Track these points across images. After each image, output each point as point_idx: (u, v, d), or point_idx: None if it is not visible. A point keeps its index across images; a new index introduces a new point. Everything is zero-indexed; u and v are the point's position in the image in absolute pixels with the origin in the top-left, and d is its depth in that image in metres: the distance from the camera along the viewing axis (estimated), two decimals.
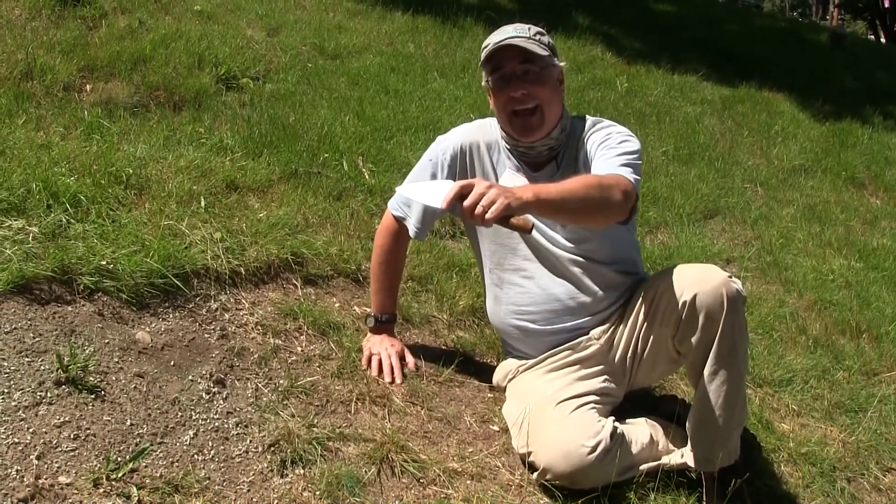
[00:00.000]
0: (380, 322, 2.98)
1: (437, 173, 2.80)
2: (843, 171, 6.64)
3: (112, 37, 5.24)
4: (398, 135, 4.77)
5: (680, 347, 2.55)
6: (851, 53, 12.01)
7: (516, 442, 2.63)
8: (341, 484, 2.35)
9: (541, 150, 2.70)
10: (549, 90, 2.64)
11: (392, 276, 3.01)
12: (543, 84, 2.63)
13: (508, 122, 2.67)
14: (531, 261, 2.75)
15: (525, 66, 2.60)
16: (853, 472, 3.06)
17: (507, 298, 2.81)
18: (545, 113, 2.63)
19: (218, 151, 3.96)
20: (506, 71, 2.63)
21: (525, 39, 2.59)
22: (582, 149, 2.69)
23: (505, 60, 2.62)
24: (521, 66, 2.60)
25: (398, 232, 2.92)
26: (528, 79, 2.60)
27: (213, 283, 2.96)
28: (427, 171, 2.83)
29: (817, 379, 3.57)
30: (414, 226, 2.86)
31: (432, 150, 2.85)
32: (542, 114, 2.62)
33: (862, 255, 5.13)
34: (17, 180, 2.99)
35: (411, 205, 2.85)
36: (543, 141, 2.68)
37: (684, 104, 7.35)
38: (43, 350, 2.43)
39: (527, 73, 2.61)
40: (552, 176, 2.70)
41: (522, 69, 2.61)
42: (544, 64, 2.63)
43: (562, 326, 2.75)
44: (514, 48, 2.59)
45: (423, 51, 6.84)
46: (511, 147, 2.75)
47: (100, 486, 2.13)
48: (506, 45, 2.59)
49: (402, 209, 2.88)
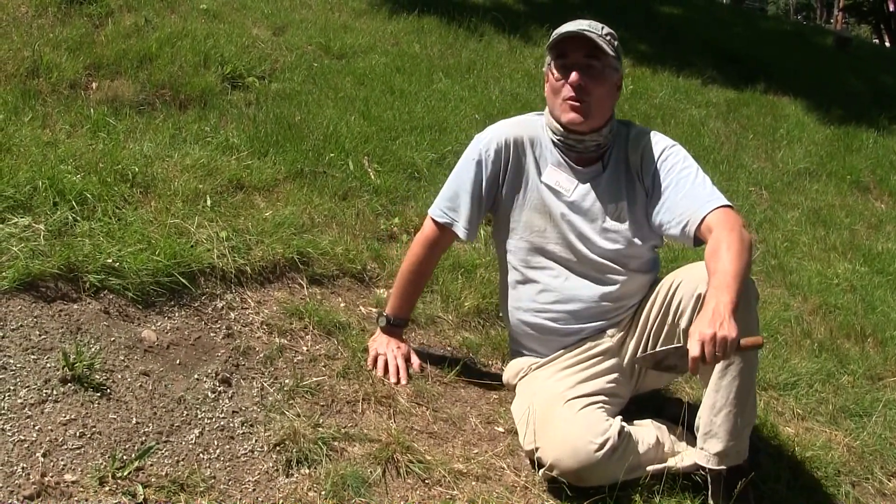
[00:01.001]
0: (391, 324, 2.98)
1: (480, 172, 2.78)
2: (848, 175, 6.63)
3: (118, 35, 5.24)
4: (404, 135, 4.76)
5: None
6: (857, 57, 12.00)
7: (524, 438, 2.63)
8: (347, 484, 2.35)
9: (589, 144, 2.70)
10: (605, 90, 2.66)
11: (418, 286, 3.01)
12: (602, 83, 2.64)
13: (559, 108, 2.67)
14: (560, 261, 2.75)
15: (589, 61, 2.62)
16: (858, 477, 3.05)
17: (529, 296, 2.80)
18: (593, 109, 2.64)
19: (224, 150, 3.96)
20: (570, 59, 2.64)
21: (596, 35, 2.60)
22: (634, 156, 2.71)
23: (571, 49, 2.63)
24: (586, 59, 2.62)
25: (437, 242, 2.89)
26: (590, 73, 2.62)
27: (218, 282, 2.96)
28: (471, 171, 2.79)
29: (822, 383, 3.56)
30: (463, 227, 2.82)
31: (473, 148, 2.82)
32: (588, 107, 2.63)
33: (867, 260, 5.13)
34: (24, 178, 2.99)
35: (458, 207, 2.82)
36: (593, 136, 2.69)
37: (689, 107, 7.34)
38: (49, 348, 2.44)
39: (590, 68, 2.62)
40: (597, 176, 2.72)
41: (586, 62, 2.62)
42: (608, 63, 2.65)
43: (580, 327, 2.75)
44: (583, 39, 2.60)
45: (428, 51, 6.83)
46: (560, 139, 2.73)
47: (105, 485, 2.13)
48: (576, 34, 2.60)
49: (447, 214, 2.83)
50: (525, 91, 6.34)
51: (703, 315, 2.24)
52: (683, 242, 2.65)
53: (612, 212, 2.71)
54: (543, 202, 2.74)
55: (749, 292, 2.46)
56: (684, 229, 2.56)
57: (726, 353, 2.20)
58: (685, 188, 2.61)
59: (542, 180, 2.74)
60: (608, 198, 2.71)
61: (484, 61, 6.92)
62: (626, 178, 2.72)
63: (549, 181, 2.74)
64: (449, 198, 2.83)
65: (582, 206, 2.71)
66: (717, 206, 2.53)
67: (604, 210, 2.71)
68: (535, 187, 2.75)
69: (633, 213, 2.71)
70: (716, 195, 2.58)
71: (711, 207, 2.53)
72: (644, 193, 2.70)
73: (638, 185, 2.71)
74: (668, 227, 2.62)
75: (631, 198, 2.71)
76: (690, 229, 2.54)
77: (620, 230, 2.71)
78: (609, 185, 2.72)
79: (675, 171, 2.65)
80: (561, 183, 2.73)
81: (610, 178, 2.72)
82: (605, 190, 2.71)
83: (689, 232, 2.55)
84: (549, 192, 2.73)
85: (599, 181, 2.72)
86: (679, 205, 2.59)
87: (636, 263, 2.74)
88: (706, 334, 2.18)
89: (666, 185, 2.64)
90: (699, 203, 2.56)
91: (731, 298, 2.24)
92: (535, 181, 2.75)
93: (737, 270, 2.31)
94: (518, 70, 6.82)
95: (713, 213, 2.52)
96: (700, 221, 2.52)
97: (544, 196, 2.74)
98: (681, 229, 2.57)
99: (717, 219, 2.50)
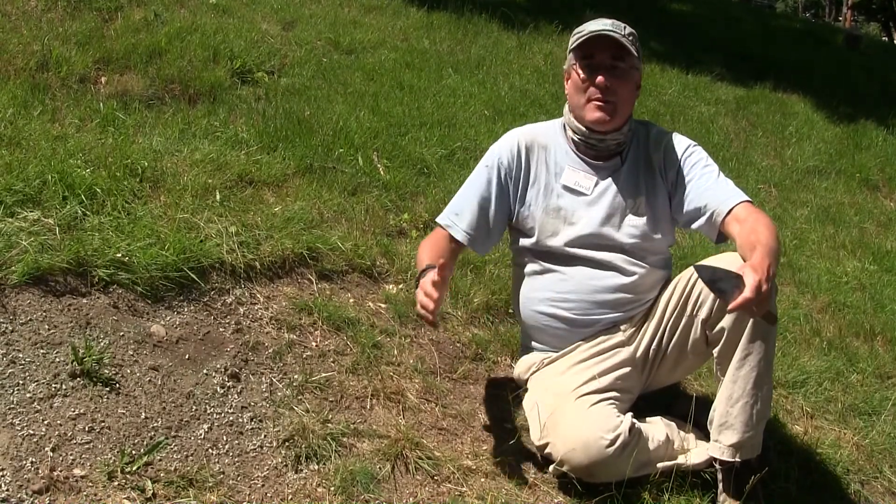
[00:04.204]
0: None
1: (491, 178, 2.78)
2: (857, 173, 6.61)
3: (127, 29, 5.25)
4: (413, 130, 4.76)
5: (710, 333, 2.56)
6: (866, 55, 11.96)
7: (534, 433, 2.63)
8: (356, 480, 2.35)
9: (610, 143, 2.73)
10: (629, 90, 2.70)
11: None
12: (627, 83, 2.68)
13: (584, 108, 2.69)
14: (579, 254, 2.74)
15: (615, 62, 2.65)
16: (867, 476, 3.04)
17: (546, 285, 2.78)
18: (618, 109, 2.67)
19: (233, 145, 3.96)
20: (596, 60, 2.65)
21: (620, 36, 2.62)
22: (656, 154, 2.74)
23: (598, 50, 2.65)
24: (612, 60, 2.64)
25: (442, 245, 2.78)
26: (616, 74, 2.64)
27: (227, 277, 2.96)
28: (482, 177, 2.80)
29: (831, 381, 3.55)
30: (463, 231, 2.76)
31: (487, 156, 2.83)
32: (614, 107, 2.65)
33: (876, 258, 5.11)
34: (33, 172, 2.99)
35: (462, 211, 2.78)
36: (614, 135, 2.71)
37: (699, 104, 7.33)
38: (58, 342, 2.44)
39: (615, 69, 2.65)
40: (617, 170, 2.75)
41: (612, 63, 2.64)
42: (632, 64, 2.68)
43: (595, 318, 2.74)
44: (610, 40, 2.62)
45: (437, 47, 6.83)
46: (581, 139, 2.74)
47: (114, 479, 2.14)
48: (603, 35, 2.62)
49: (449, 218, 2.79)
50: (534, 87, 6.33)
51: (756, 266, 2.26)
52: (707, 234, 2.68)
53: (631, 206, 2.72)
54: (561, 203, 2.74)
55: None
56: (710, 219, 2.60)
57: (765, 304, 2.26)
58: (710, 182, 2.65)
59: (560, 182, 2.75)
60: (627, 192, 2.73)
61: (493, 57, 6.91)
62: (645, 173, 2.74)
63: (569, 182, 2.75)
64: (457, 203, 2.83)
65: (601, 202, 2.72)
66: (742, 199, 2.58)
67: (623, 204, 2.72)
68: (553, 190, 2.76)
69: (652, 207, 2.72)
70: (739, 191, 2.62)
71: (738, 200, 2.57)
72: (665, 188, 2.72)
73: (659, 179, 2.73)
74: (692, 219, 2.66)
75: (650, 192, 2.73)
76: (717, 220, 2.58)
77: (639, 224, 2.72)
78: (628, 180, 2.74)
79: (699, 167, 2.69)
80: (580, 182, 2.74)
81: (629, 172, 2.74)
82: (624, 184, 2.73)
83: (715, 222, 2.58)
84: (568, 194, 2.74)
85: (619, 175, 2.74)
86: (704, 196, 2.63)
87: (653, 259, 2.75)
88: (762, 278, 2.22)
89: (690, 178, 2.68)
90: (726, 195, 2.60)
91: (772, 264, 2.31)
92: (551, 184, 2.76)
93: (774, 248, 2.38)
94: (527, 66, 6.81)
95: (740, 205, 2.56)
96: (727, 213, 2.56)
97: (563, 198, 2.74)
98: (706, 219, 2.61)
99: (745, 211, 2.55)
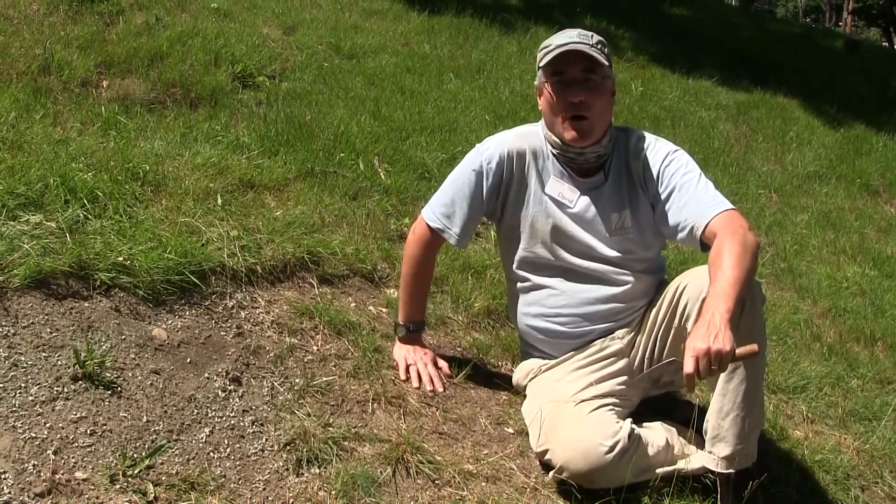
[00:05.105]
0: (410, 331, 2.98)
1: (481, 183, 2.76)
2: (857, 179, 6.63)
3: (129, 33, 5.27)
4: (414, 135, 4.77)
5: None
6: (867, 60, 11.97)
7: (534, 440, 2.63)
8: (357, 484, 2.35)
9: (589, 156, 2.69)
10: (604, 101, 2.65)
11: (423, 286, 3.00)
12: (601, 95, 2.63)
13: (560, 126, 2.66)
14: (567, 267, 2.75)
15: (587, 74, 2.60)
16: (867, 481, 3.05)
17: (537, 300, 2.80)
18: (595, 124, 2.63)
19: (234, 149, 3.97)
20: (568, 75, 2.62)
21: (589, 47, 2.57)
22: (636, 165, 2.70)
23: (569, 65, 2.60)
24: (584, 73, 2.60)
25: (430, 242, 2.88)
26: (589, 87, 2.60)
27: (229, 281, 2.96)
28: (471, 181, 2.77)
29: (831, 386, 3.56)
30: (456, 235, 2.81)
31: (474, 158, 2.80)
32: (591, 121, 2.62)
33: (876, 263, 5.12)
34: (35, 175, 2.99)
35: (453, 214, 2.80)
36: (593, 148, 2.67)
37: (699, 109, 7.35)
38: (60, 345, 2.44)
39: (588, 81, 2.60)
40: (600, 186, 2.71)
41: (584, 76, 2.60)
42: (604, 74, 2.63)
43: (589, 329, 2.75)
44: (579, 54, 2.58)
45: (438, 52, 6.84)
46: (559, 153, 2.72)
47: (116, 482, 2.14)
48: (572, 49, 2.57)
49: (440, 221, 2.82)
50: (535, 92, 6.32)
51: (697, 328, 2.21)
52: (693, 247, 2.64)
53: (615, 220, 2.71)
54: (547, 213, 2.74)
55: (755, 295, 2.45)
56: (691, 234, 2.55)
57: (721, 365, 2.17)
58: (688, 193, 2.59)
59: (545, 192, 2.74)
60: (611, 207, 2.71)
61: (494, 62, 6.92)
62: (628, 185, 2.71)
63: (553, 192, 2.73)
64: (445, 204, 2.82)
65: (586, 217, 2.71)
66: (721, 210, 2.51)
67: (608, 219, 2.70)
68: (539, 199, 2.75)
69: (637, 219, 2.71)
70: (718, 199, 2.55)
71: (716, 212, 2.50)
72: (647, 201, 2.69)
73: (641, 192, 2.70)
74: (675, 233, 2.61)
75: (634, 205, 2.71)
76: (696, 234, 2.53)
77: (625, 237, 2.71)
78: (611, 195, 2.71)
79: (677, 177, 2.63)
80: (564, 194, 2.72)
81: (612, 187, 2.71)
82: (607, 199, 2.71)
83: (696, 236, 2.53)
84: (552, 204, 2.73)
85: (602, 191, 2.72)
86: (683, 210, 2.58)
87: (642, 266, 2.75)
88: (700, 349, 2.15)
89: (669, 191, 2.63)
90: (703, 208, 2.53)
91: (729, 307, 2.21)
92: (538, 193, 2.75)
93: (737, 277, 2.28)
94: (528, 71, 6.81)
95: (717, 217, 2.49)
96: (705, 226, 2.50)
97: (548, 207, 2.74)
98: (687, 234, 2.56)
99: (721, 223, 2.47)
